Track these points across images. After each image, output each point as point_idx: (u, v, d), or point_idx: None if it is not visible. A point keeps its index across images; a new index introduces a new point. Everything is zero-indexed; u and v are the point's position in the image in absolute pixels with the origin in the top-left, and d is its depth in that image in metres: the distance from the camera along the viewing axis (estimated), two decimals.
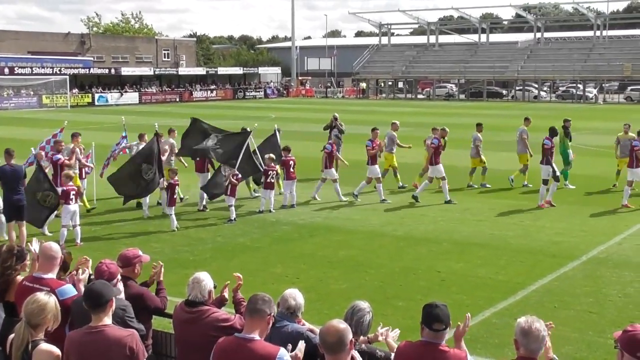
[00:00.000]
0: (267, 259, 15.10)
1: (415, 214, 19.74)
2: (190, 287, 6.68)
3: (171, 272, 12.84)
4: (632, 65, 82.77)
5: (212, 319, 6.49)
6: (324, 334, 5.31)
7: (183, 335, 6.66)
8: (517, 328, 5.45)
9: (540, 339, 5.39)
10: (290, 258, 15.10)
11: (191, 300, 6.62)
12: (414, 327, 10.21)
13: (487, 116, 53.69)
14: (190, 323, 6.53)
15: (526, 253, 15.41)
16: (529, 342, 5.39)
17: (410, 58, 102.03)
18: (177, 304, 6.80)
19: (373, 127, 22.37)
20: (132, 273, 7.49)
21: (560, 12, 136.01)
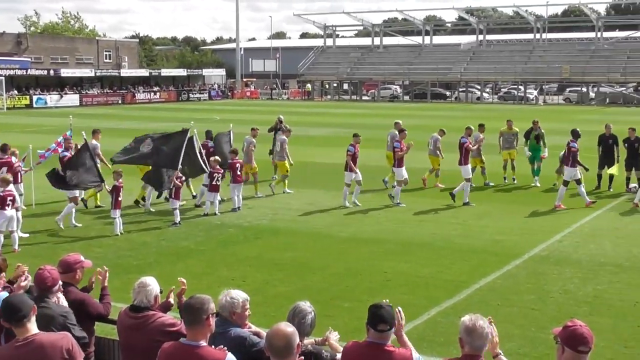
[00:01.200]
0: (212, 262, 15.01)
1: (359, 215, 19.82)
2: (135, 292, 6.59)
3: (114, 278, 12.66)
4: (570, 67, 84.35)
5: (158, 324, 6.42)
6: (271, 338, 5.27)
7: (128, 341, 6.57)
8: (462, 326, 5.50)
9: (484, 336, 5.45)
10: (235, 261, 15.04)
11: (136, 306, 6.54)
12: (360, 327, 10.25)
13: (432, 117, 54.21)
14: (135, 328, 6.45)
15: (470, 252, 15.58)
16: (473, 339, 5.44)
17: (355, 60, 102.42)
18: (122, 310, 6.72)
19: (401, 129, 22.59)
20: (73, 279, 7.35)
21: (501, 15, 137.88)
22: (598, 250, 15.67)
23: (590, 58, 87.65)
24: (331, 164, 27.53)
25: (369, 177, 23.24)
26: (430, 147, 24.56)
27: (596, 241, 16.47)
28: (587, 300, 12.31)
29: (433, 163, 24.51)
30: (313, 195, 22.51)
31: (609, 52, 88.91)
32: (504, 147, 25.15)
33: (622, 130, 24.63)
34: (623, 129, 24.57)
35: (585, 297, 12.44)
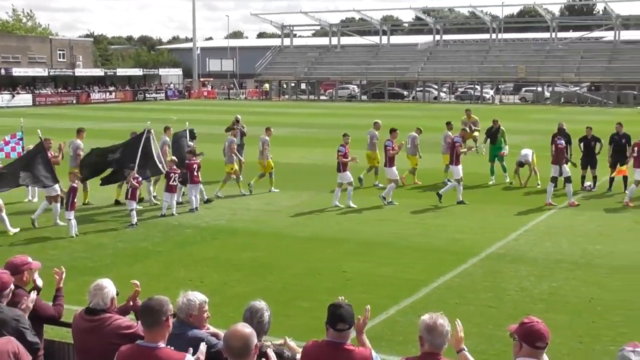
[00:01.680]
0: (169, 263, 14.89)
1: (319, 214, 19.81)
2: (91, 294, 6.48)
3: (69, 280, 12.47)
4: (525, 67, 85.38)
5: (114, 326, 6.31)
6: (228, 339, 5.22)
7: (83, 344, 6.45)
8: (422, 325, 5.53)
9: (444, 334, 5.48)
10: (193, 262, 14.93)
11: (92, 308, 6.43)
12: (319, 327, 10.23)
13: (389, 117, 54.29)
14: (90, 331, 6.34)
15: (428, 251, 15.66)
16: (433, 338, 5.47)
17: (312, 59, 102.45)
18: (77, 312, 6.60)
19: (392, 128, 22.48)
20: (20, 281, 7.19)
21: (457, 15, 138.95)
22: (554, 248, 15.85)
23: (545, 58, 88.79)
24: (289, 164, 27.50)
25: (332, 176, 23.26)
26: (409, 146, 24.66)
27: (552, 239, 16.66)
28: (543, 297, 12.45)
29: (411, 162, 24.67)
30: (271, 196, 22.45)
31: (563, 52, 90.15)
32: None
33: (576, 129, 24.95)
34: (578, 127, 24.91)
35: (541, 295, 12.58)
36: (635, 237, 16.87)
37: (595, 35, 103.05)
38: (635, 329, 10.81)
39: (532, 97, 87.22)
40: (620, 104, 78.92)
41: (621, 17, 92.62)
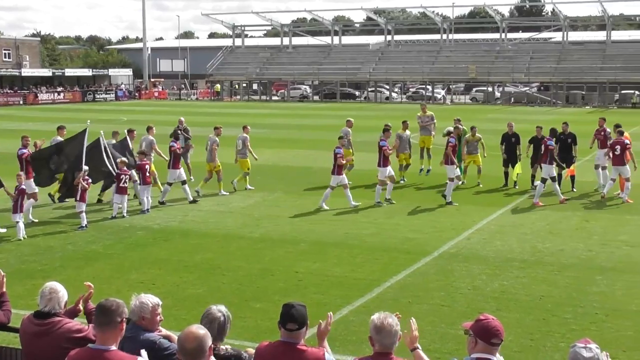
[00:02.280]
0: (121, 265, 14.71)
1: (271, 215, 19.75)
2: (46, 298, 6.35)
3: (17, 284, 12.30)
4: (476, 68, 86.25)
5: (64, 330, 6.21)
6: (182, 341, 5.19)
7: (31, 349, 6.34)
8: (371, 325, 5.53)
9: (392, 333, 5.47)
10: (145, 264, 14.78)
11: (42, 312, 6.32)
12: (272, 328, 10.20)
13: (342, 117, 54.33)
14: (40, 336, 6.22)
15: (381, 250, 15.71)
16: (382, 337, 5.47)
17: (264, 60, 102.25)
18: (25, 317, 6.48)
19: (386, 128, 22.57)
20: None
21: (409, 16, 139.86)
22: (504, 246, 16.02)
23: (495, 59, 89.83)
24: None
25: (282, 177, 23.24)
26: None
27: (503, 238, 16.84)
28: (495, 295, 12.57)
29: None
30: (222, 197, 22.32)
31: (513, 52, 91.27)
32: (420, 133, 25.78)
33: (526, 129, 25.25)
34: (528, 127, 25.19)
35: (493, 293, 12.70)
36: (583, 235, 17.13)
37: (544, 36, 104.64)
38: (585, 326, 10.98)
39: (482, 97, 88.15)
40: (569, 104, 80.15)
41: (569, 18, 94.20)
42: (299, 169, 25.30)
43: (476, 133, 24.45)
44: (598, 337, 10.01)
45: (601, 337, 10.22)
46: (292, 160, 25.69)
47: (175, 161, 21.27)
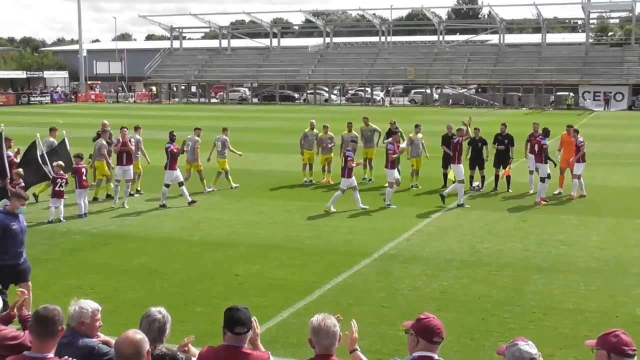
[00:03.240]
0: (58, 270, 14.43)
1: (210, 218, 19.60)
2: None
3: None
4: (414, 70, 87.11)
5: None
6: (119, 346, 5.10)
7: None
8: (310, 327, 5.53)
9: (331, 334, 5.47)
10: (83, 268, 14.52)
11: None
12: (213, 332, 10.10)
13: (281, 119, 54.52)
14: None
15: (321, 253, 15.70)
16: (320, 339, 5.47)
17: (202, 62, 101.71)
18: None
19: (395, 131, 22.68)
20: None
21: (347, 18, 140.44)
22: (444, 247, 16.15)
23: (434, 61, 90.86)
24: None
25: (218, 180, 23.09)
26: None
27: (442, 239, 16.98)
28: (435, 296, 12.65)
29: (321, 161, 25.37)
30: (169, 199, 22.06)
31: (450, 55, 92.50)
32: (364, 145, 25.72)
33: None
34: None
35: (433, 293, 12.79)
36: (521, 235, 17.38)
37: (481, 39, 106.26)
38: (523, 324, 11.12)
39: (421, 99, 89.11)
40: (506, 106, 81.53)
41: (505, 21, 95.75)
42: (239, 171, 25.18)
43: (419, 132, 24.65)
44: (536, 335, 10.14)
45: (539, 335, 10.36)
46: (231, 163, 25.50)
47: (172, 162, 21.18)
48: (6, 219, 10.72)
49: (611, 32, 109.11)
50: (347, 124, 25.69)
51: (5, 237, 10.65)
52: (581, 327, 11.04)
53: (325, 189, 24.05)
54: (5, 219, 10.72)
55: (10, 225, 10.69)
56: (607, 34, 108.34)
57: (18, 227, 10.81)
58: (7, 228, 10.64)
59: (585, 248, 16.06)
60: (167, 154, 21.24)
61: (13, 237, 10.76)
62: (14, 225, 10.73)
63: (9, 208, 10.88)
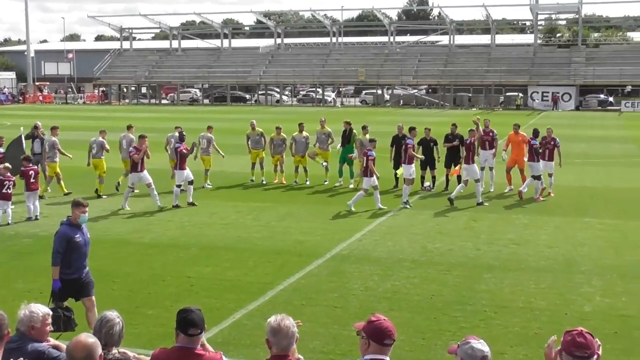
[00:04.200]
0: (7, 274, 14.18)
1: (162, 219, 19.43)
2: None
3: None
4: (365, 70, 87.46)
5: None
6: (71, 350, 5.05)
7: None
8: (268, 327, 5.51)
9: (289, 335, 5.47)
10: (32, 272, 14.26)
11: None
12: (165, 334, 10.02)
13: (232, 120, 54.31)
14: None
15: (273, 253, 15.66)
16: (279, 339, 5.45)
17: (153, 63, 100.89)
18: None
19: (412, 127, 22.69)
20: None
21: (299, 19, 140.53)
22: (395, 247, 16.22)
23: (384, 61, 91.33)
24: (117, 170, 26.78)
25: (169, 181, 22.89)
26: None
27: (394, 239, 17.05)
28: (387, 295, 12.70)
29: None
30: (109, 202, 21.83)
31: (401, 55, 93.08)
32: (318, 147, 25.72)
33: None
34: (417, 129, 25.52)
35: (385, 293, 12.83)
36: (471, 235, 17.54)
37: (431, 40, 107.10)
38: (474, 323, 11.21)
39: (372, 100, 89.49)
40: (457, 106, 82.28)
41: (455, 22, 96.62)
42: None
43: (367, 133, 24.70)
44: (486, 334, 10.26)
45: (489, 333, 10.46)
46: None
47: (181, 162, 21.17)
48: (69, 231, 10.16)
49: (559, 34, 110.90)
50: (299, 125, 25.69)
51: (69, 250, 10.09)
52: (531, 325, 11.17)
53: (281, 189, 23.99)
54: (69, 230, 10.16)
55: (74, 237, 10.13)
56: (555, 35, 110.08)
57: (82, 239, 10.25)
58: (70, 240, 10.09)
59: (535, 247, 16.27)
60: (177, 154, 21.34)
61: (77, 250, 10.16)
62: (77, 237, 10.16)
63: (71, 218, 10.26)
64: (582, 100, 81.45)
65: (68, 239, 10.09)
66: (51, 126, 24.16)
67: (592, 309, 12.03)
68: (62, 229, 10.19)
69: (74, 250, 10.13)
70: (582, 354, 4.86)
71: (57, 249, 10.05)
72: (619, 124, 56.12)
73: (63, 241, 10.07)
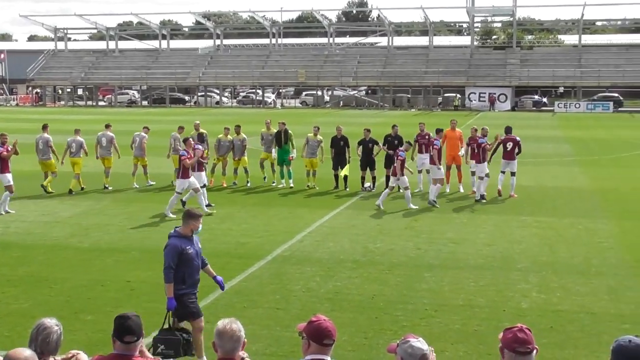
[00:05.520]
0: None
1: (100, 223, 19.16)
2: None
3: None
4: (305, 72, 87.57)
5: None
6: None
7: None
8: (215, 330, 5.49)
9: (235, 339, 5.44)
10: None
11: None
12: (105, 340, 9.87)
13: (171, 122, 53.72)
14: None
15: (214, 256, 15.44)
16: (224, 342, 5.43)
17: (89, 64, 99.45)
18: None
19: (438, 129, 22.78)
20: None
21: (238, 20, 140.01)
22: (337, 247, 16.27)
23: (324, 63, 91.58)
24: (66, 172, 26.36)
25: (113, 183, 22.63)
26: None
27: (335, 239, 17.10)
28: (329, 296, 12.73)
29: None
30: (48, 206, 21.45)
31: (341, 57, 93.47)
32: (263, 149, 25.46)
33: (355, 132, 25.75)
34: (356, 130, 25.72)
35: (327, 294, 12.87)
36: (412, 234, 17.69)
37: (370, 41, 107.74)
38: (415, 322, 11.32)
39: (312, 101, 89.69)
40: (396, 107, 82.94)
41: (394, 24, 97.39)
42: (127, 176, 24.74)
43: (317, 134, 24.73)
44: (427, 332, 10.38)
45: (430, 332, 10.58)
46: (121, 167, 25.07)
47: (199, 165, 20.97)
48: (180, 243, 9.48)
49: (495, 36, 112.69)
50: (235, 127, 25.49)
51: (180, 264, 9.40)
52: (471, 322, 11.33)
53: (221, 191, 23.87)
54: (180, 242, 9.47)
55: (186, 249, 9.43)
56: (491, 38, 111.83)
57: (193, 250, 9.56)
58: (182, 253, 9.38)
59: (473, 245, 16.49)
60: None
61: (189, 263, 9.47)
62: (189, 249, 9.47)
63: (180, 230, 9.59)
64: (518, 101, 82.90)
65: (179, 252, 9.39)
66: (105, 124, 25.88)
67: (529, 305, 12.26)
68: (171, 241, 9.50)
69: (186, 264, 9.47)
70: (525, 350, 4.97)
71: (170, 264, 9.34)
72: (553, 124, 57.24)
73: (175, 255, 9.36)
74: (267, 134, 25.57)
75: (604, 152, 36.65)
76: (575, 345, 10.50)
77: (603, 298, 12.67)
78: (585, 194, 23.61)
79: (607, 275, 14.05)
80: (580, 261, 15.12)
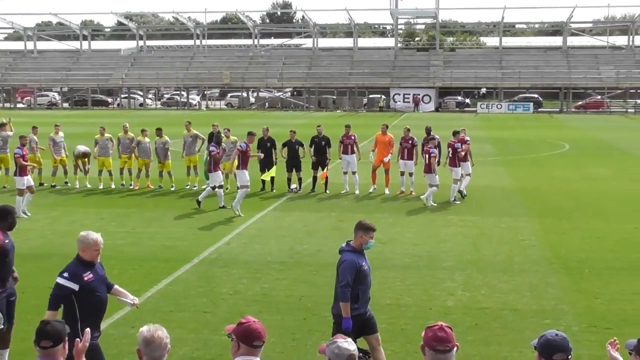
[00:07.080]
0: None
1: (21, 228, 18.42)
2: None
3: None
4: (230, 73, 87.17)
5: None
6: None
7: None
8: (140, 337, 5.41)
9: (162, 346, 5.40)
10: None
11: None
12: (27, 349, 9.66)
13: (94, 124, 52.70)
14: None
15: (139, 260, 15.36)
16: (151, 350, 5.38)
17: (6, 65, 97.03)
18: None
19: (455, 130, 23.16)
20: None
21: (161, 21, 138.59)
22: (264, 249, 16.22)
23: (249, 64, 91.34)
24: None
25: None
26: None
27: (262, 241, 17.05)
28: (257, 299, 12.68)
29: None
30: None
31: (266, 58, 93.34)
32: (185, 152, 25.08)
33: (280, 133, 25.71)
34: (282, 131, 25.72)
35: (255, 296, 12.81)
36: (339, 235, 17.68)
37: (295, 43, 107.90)
38: None
39: (237, 103, 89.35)
40: (321, 108, 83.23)
41: (318, 25, 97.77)
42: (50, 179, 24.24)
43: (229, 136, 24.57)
44: None
45: None
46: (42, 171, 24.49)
47: (215, 165, 21.04)
48: (357, 259, 8.79)
49: (418, 38, 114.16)
50: (156, 130, 25.18)
51: (355, 282, 8.70)
52: (398, 321, 11.44)
53: (146, 195, 23.54)
54: (357, 258, 8.79)
55: (362, 265, 8.82)
56: (414, 39, 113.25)
57: (367, 267, 8.96)
58: (359, 270, 8.73)
59: (400, 245, 16.65)
60: (210, 156, 21.31)
61: (364, 280, 8.85)
62: (364, 265, 8.87)
63: (354, 244, 8.95)
64: (441, 102, 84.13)
65: (357, 268, 8.75)
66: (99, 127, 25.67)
67: (455, 303, 12.45)
68: (348, 257, 8.81)
69: (361, 281, 8.80)
70: (444, 348, 5.09)
71: (348, 282, 8.63)
72: (476, 125, 58.20)
73: (353, 271, 8.69)
74: (187, 135, 25.27)
75: (525, 151, 37.48)
76: (499, 342, 10.70)
77: (525, 295, 12.94)
78: (508, 193, 24.09)
79: (529, 272, 14.36)
80: (504, 259, 15.41)
